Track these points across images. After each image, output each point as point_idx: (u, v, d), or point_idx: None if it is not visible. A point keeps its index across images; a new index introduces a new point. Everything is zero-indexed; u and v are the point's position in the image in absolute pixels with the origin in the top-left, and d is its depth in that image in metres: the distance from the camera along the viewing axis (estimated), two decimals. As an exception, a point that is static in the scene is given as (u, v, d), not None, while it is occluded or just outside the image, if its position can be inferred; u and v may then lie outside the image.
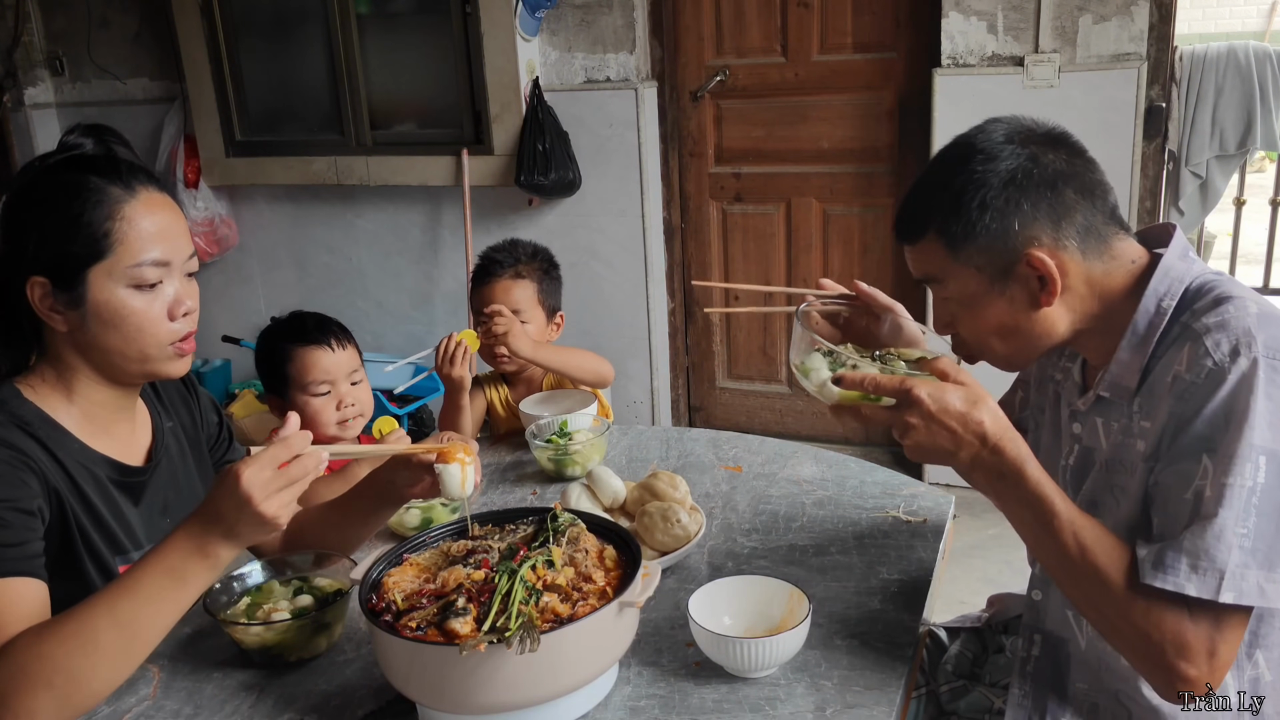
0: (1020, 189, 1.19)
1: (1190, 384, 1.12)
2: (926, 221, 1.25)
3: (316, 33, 4.07)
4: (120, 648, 1.14)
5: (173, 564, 1.15)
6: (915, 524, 1.64)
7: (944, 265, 1.25)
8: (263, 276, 4.58)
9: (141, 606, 1.14)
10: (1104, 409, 1.27)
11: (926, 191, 1.27)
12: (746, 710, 1.20)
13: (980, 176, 1.20)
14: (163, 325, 1.34)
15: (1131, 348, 1.22)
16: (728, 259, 3.95)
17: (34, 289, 1.30)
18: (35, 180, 1.33)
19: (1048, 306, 1.22)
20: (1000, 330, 1.25)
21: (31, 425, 1.31)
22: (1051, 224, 1.20)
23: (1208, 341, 1.12)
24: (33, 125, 4.65)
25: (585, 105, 3.77)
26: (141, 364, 1.35)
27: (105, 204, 1.29)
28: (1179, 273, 1.21)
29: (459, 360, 2.07)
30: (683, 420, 4.16)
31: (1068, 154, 1.23)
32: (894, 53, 3.52)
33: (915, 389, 1.15)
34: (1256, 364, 1.09)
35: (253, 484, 1.12)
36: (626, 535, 1.31)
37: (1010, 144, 1.21)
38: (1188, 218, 3.30)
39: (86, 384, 1.37)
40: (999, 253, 1.21)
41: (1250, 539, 1.07)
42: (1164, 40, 3.10)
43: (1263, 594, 1.07)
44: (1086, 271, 1.22)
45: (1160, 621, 1.10)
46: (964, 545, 3.02)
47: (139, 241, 1.30)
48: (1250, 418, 1.08)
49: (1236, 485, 1.07)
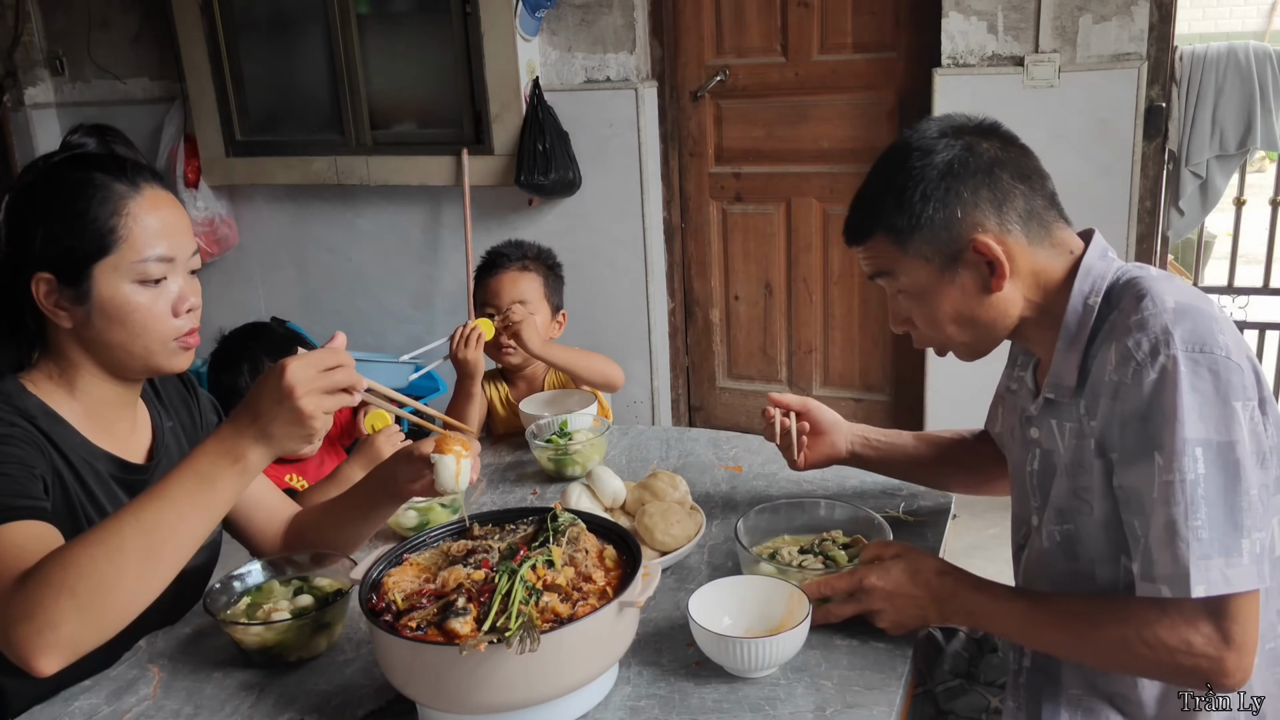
0: (958, 178, 1.24)
1: (1120, 384, 1.17)
2: (873, 221, 1.29)
3: (316, 33, 4.07)
4: (145, 554, 1.11)
5: (201, 468, 1.14)
6: (915, 524, 1.64)
7: (894, 260, 1.29)
8: (263, 276, 4.58)
9: (167, 510, 1.12)
10: (1054, 410, 1.31)
11: (870, 193, 1.31)
12: (746, 710, 1.20)
13: (919, 171, 1.24)
14: (167, 321, 1.34)
15: (1066, 346, 1.26)
16: (728, 259, 3.95)
17: (39, 285, 1.30)
18: (40, 178, 1.33)
19: (998, 291, 1.26)
20: (956, 318, 1.29)
21: (36, 418, 1.31)
22: (994, 209, 1.24)
23: (1129, 342, 1.16)
24: (33, 125, 4.65)
25: (585, 105, 3.77)
26: (146, 359, 1.35)
27: (110, 200, 1.30)
28: (1100, 271, 1.26)
29: (473, 343, 2.08)
30: (683, 420, 4.16)
31: (1000, 143, 1.27)
32: (894, 53, 3.52)
33: (866, 580, 1.28)
34: (1176, 360, 1.12)
35: (297, 377, 1.12)
36: (626, 535, 1.31)
37: (944, 137, 1.26)
38: (1188, 218, 3.29)
39: (90, 380, 1.37)
40: (945, 241, 1.25)
41: (1205, 530, 1.11)
42: (1164, 40, 3.10)
43: (1227, 581, 1.11)
44: (1032, 257, 1.27)
45: (1170, 638, 1.13)
46: (964, 545, 3.02)
47: (144, 237, 1.31)
48: (1179, 413, 1.11)
49: (1177, 481, 1.11)
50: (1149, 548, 1.14)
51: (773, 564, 1.43)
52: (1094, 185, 3.19)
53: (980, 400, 1.70)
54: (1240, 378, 1.13)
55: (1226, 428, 1.12)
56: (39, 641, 1.07)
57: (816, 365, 3.93)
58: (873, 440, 1.65)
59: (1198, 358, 1.12)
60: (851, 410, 3.89)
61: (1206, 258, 4.61)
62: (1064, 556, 1.32)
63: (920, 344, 1.37)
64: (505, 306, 2.20)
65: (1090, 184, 3.19)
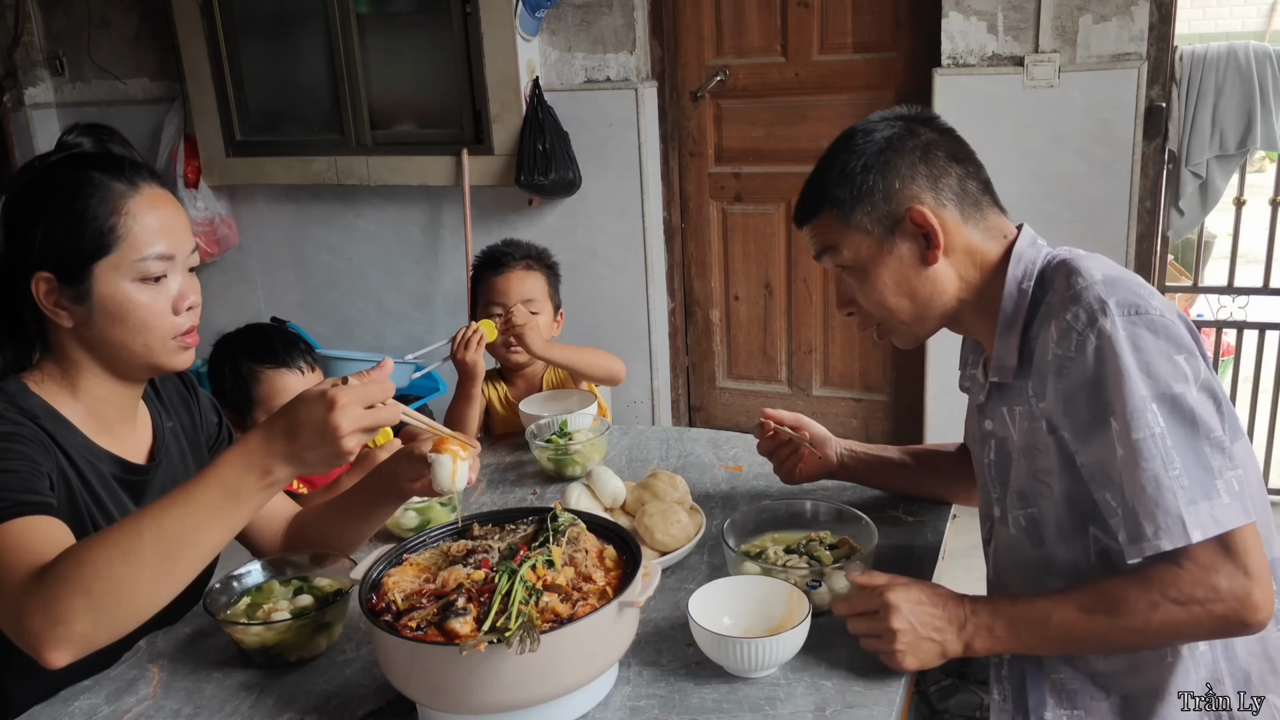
0: (897, 152, 1.32)
1: (1065, 358, 1.21)
2: (819, 198, 1.36)
3: (316, 33, 4.07)
4: (162, 560, 1.10)
5: (228, 480, 1.13)
6: (915, 524, 1.64)
7: (838, 233, 1.35)
8: (263, 276, 4.58)
9: (189, 519, 1.12)
10: (1003, 396, 1.35)
11: (817, 175, 1.39)
12: (746, 710, 1.20)
13: (861, 146, 1.34)
14: (167, 319, 1.34)
15: (1005, 330, 1.32)
16: (728, 259, 3.95)
17: (39, 285, 1.30)
18: (38, 177, 1.33)
19: (934, 264, 1.32)
20: (895, 290, 1.34)
21: (39, 418, 1.31)
22: (929, 183, 1.31)
23: (1068, 316, 1.21)
24: (33, 125, 4.65)
25: (585, 105, 3.77)
26: (146, 357, 1.35)
27: (110, 199, 1.30)
28: (1030, 256, 1.32)
29: (474, 346, 2.07)
30: (683, 420, 4.16)
31: (937, 130, 1.35)
32: (894, 53, 3.51)
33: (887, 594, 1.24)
34: (1115, 323, 1.17)
35: (345, 415, 1.11)
36: (626, 535, 1.31)
37: (885, 121, 1.35)
38: (1188, 218, 3.29)
39: (91, 380, 1.37)
40: (885, 213, 1.32)
41: (1184, 478, 1.14)
42: (1164, 40, 3.10)
43: (1216, 521, 1.13)
44: (966, 236, 1.33)
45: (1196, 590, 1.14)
46: (964, 545, 3.01)
47: (143, 236, 1.31)
48: (1126, 374, 1.16)
49: (1145, 437, 1.15)
50: (1132, 509, 1.16)
51: (758, 563, 1.43)
52: (1094, 185, 3.18)
53: (980, 400, 1.70)
54: (1176, 332, 1.19)
55: (1173, 380, 1.16)
56: (51, 636, 1.07)
57: (816, 365, 3.93)
58: (859, 453, 1.71)
59: (1135, 319, 1.18)
60: (851, 410, 3.89)
61: (1206, 258, 4.60)
62: (1030, 542, 1.34)
63: (864, 325, 1.42)
64: (513, 304, 2.19)
65: (1090, 184, 3.19)
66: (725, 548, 1.46)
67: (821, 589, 1.40)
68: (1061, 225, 3.19)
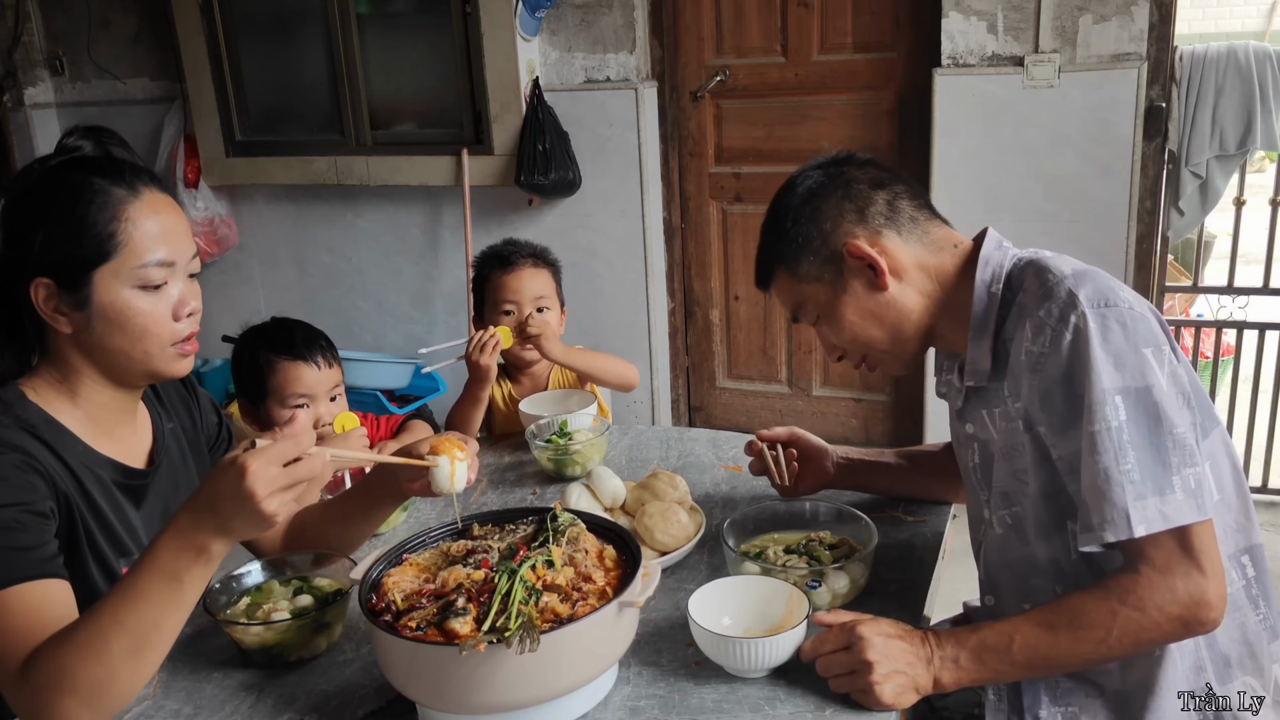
0: (819, 196, 1.39)
1: (1039, 354, 1.23)
2: (769, 262, 1.43)
3: (316, 33, 4.07)
4: (131, 654, 1.13)
5: (165, 564, 1.13)
6: (915, 524, 1.64)
7: (796, 292, 1.42)
8: (263, 276, 4.58)
9: (144, 611, 1.13)
10: (980, 399, 1.37)
11: (762, 240, 1.46)
12: (746, 710, 1.20)
13: (788, 203, 1.41)
14: (167, 326, 1.33)
15: (977, 334, 1.34)
16: (728, 259, 3.95)
17: (38, 291, 1.29)
18: (37, 182, 1.32)
19: (887, 289, 1.36)
20: (861, 323, 1.38)
21: (36, 428, 1.30)
22: (857, 216, 1.37)
23: (1041, 313, 1.23)
24: (33, 125, 4.65)
25: (585, 105, 3.77)
26: (145, 364, 1.35)
27: (110, 205, 1.29)
28: (997, 260, 1.35)
29: (489, 350, 2.06)
30: (683, 420, 4.16)
31: (857, 164, 1.42)
32: (894, 53, 3.51)
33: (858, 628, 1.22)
34: (1085, 317, 1.19)
35: (258, 479, 1.09)
36: (626, 535, 1.31)
37: (803, 174, 1.43)
38: (1188, 218, 3.29)
39: (90, 386, 1.36)
40: (826, 256, 1.37)
41: (1136, 472, 1.15)
42: (1164, 40, 3.10)
43: (1164, 518, 1.15)
44: (913, 253, 1.37)
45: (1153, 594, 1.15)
46: (964, 545, 3.01)
47: (144, 242, 1.30)
48: (1094, 365, 1.17)
49: (1102, 430, 1.16)
50: (1084, 500, 1.18)
51: (758, 563, 1.43)
52: (1094, 185, 3.18)
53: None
54: (1146, 325, 1.20)
55: (1141, 374, 1.18)
56: None
57: (816, 365, 3.93)
58: (855, 459, 1.72)
59: (1105, 312, 1.20)
60: (851, 410, 3.89)
61: (1206, 258, 4.60)
62: (1016, 540, 1.35)
63: (855, 364, 1.46)
64: (526, 304, 2.18)
65: (1090, 184, 3.19)
66: (725, 548, 1.46)
67: (821, 589, 1.40)
68: (1061, 225, 3.19)
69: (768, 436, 1.71)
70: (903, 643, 1.22)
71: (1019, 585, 1.37)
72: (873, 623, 1.24)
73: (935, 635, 1.24)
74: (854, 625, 1.23)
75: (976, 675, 1.22)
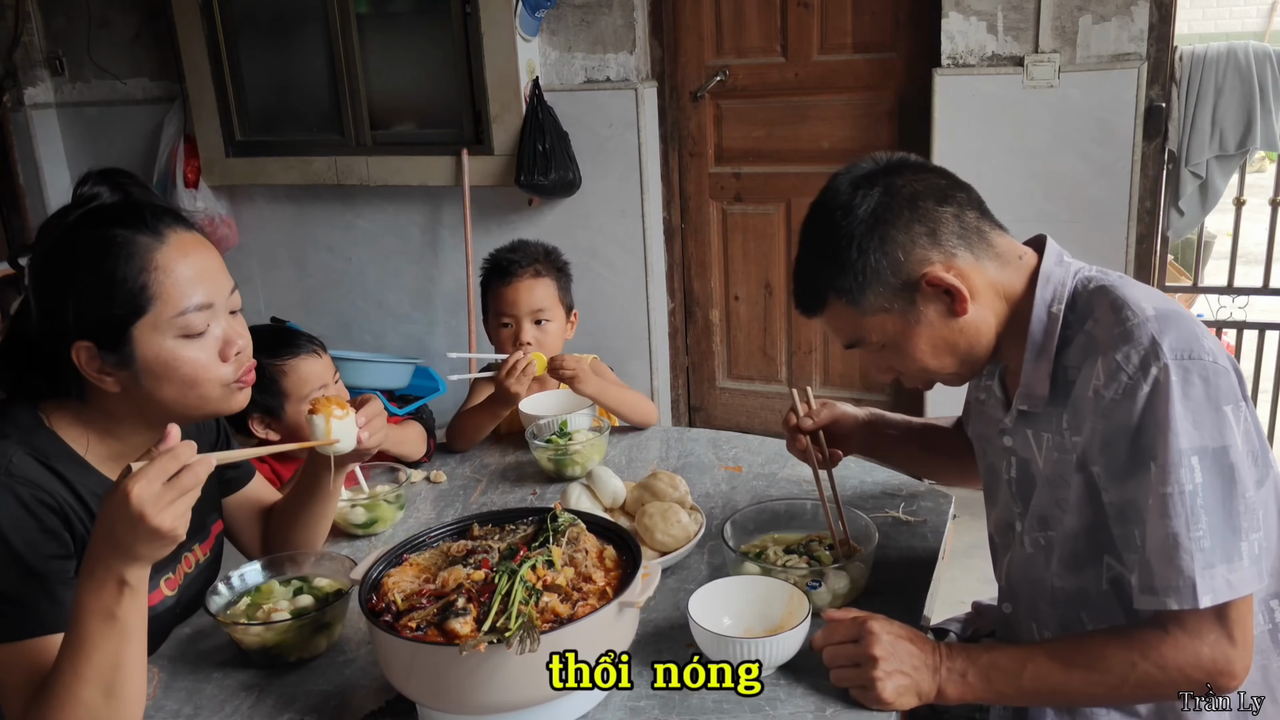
0: (886, 222, 1.23)
1: (1111, 400, 1.16)
2: (821, 290, 1.28)
3: (316, 33, 4.07)
4: (106, 696, 1.12)
5: (94, 607, 1.11)
6: (915, 524, 1.64)
7: (858, 325, 1.28)
8: (263, 276, 4.58)
9: (98, 658, 1.11)
10: (1029, 421, 1.30)
11: (808, 264, 1.31)
12: (746, 710, 1.20)
13: (846, 229, 1.24)
14: (215, 370, 1.30)
15: (1034, 356, 1.26)
16: (728, 259, 3.95)
17: (80, 354, 1.25)
18: (60, 242, 1.27)
19: (965, 315, 1.25)
20: (934, 351, 1.28)
21: (50, 458, 1.28)
22: (930, 240, 1.23)
23: (1118, 356, 1.15)
24: (33, 125, 4.65)
25: (585, 105, 3.77)
26: (202, 408, 1.32)
27: (137, 256, 1.24)
28: (1059, 277, 1.26)
29: (521, 376, 2.00)
30: (683, 420, 4.16)
31: (913, 173, 1.27)
32: (894, 53, 3.51)
33: (868, 624, 1.21)
34: (1167, 370, 1.12)
35: (144, 500, 1.05)
36: (626, 535, 1.31)
37: (859, 189, 1.25)
38: (1188, 218, 3.29)
39: (128, 429, 1.33)
40: (899, 287, 1.24)
41: (1207, 539, 1.11)
42: (1164, 40, 3.10)
43: (1231, 587, 1.11)
44: (985, 273, 1.26)
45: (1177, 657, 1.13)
46: (964, 545, 3.00)
47: (177, 289, 1.25)
48: (1172, 424, 1.11)
49: (1175, 493, 1.11)
50: (1148, 560, 1.14)
51: (758, 563, 1.43)
52: (1094, 185, 3.18)
53: (980, 400, 1.70)
54: (1228, 380, 1.14)
55: (1220, 433, 1.12)
56: None
57: (816, 365, 3.93)
58: (881, 431, 1.65)
59: (1188, 364, 1.13)
60: (851, 410, 3.89)
61: (1206, 258, 4.60)
62: (1045, 562, 1.33)
63: (910, 385, 1.37)
64: (523, 317, 2.15)
65: (1090, 184, 3.18)
66: (725, 548, 1.46)
67: (821, 589, 1.40)
68: (1061, 225, 3.19)
69: (810, 427, 1.57)
70: (912, 645, 1.22)
71: (1042, 602, 1.34)
72: (886, 621, 1.23)
73: (948, 647, 1.23)
74: (866, 620, 1.23)
75: (982, 694, 1.21)
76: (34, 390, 1.33)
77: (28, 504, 1.23)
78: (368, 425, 1.43)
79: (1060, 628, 1.32)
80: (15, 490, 1.22)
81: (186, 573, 1.47)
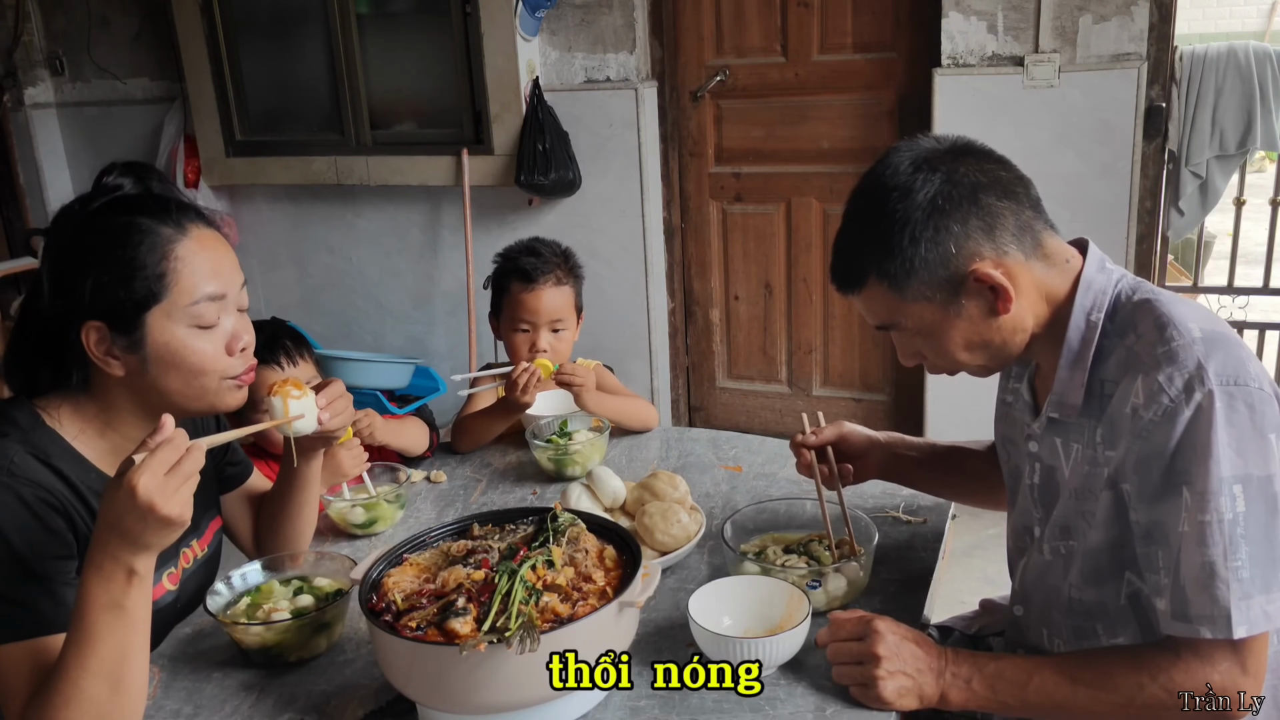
0: (944, 213, 1.18)
1: (1150, 421, 1.13)
2: (864, 269, 1.24)
3: (316, 33, 4.07)
4: (112, 690, 1.12)
5: (102, 599, 1.11)
6: (915, 524, 1.64)
7: (896, 308, 1.25)
8: (263, 276, 4.58)
9: (104, 650, 1.12)
10: (1059, 429, 1.28)
11: (854, 239, 1.26)
12: (746, 710, 1.20)
13: (902, 212, 1.19)
14: (222, 361, 1.33)
15: (1070, 364, 1.23)
16: (728, 259, 3.95)
17: (89, 334, 1.27)
18: (81, 226, 1.30)
19: (1006, 314, 1.22)
20: (968, 346, 1.25)
21: (51, 457, 1.29)
22: (985, 235, 1.19)
23: (1160, 378, 1.12)
24: (33, 125, 4.65)
25: (585, 105, 3.77)
26: (201, 400, 1.34)
27: (159, 245, 1.28)
28: (1100, 285, 1.23)
29: (530, 387, 1.98)
30: (683, 420, 4.16)
31: (977, 161, 1.22)
32: (894, 53, 3.51)
33: (874, 623, 1.21)
34: (1212, 396, 1.09)
35: (151, 492, 1.07)
36: (626, 535, 1.31)
37: (920, 172, 1.20)
38: (1188, 218, 3.29)
39: (128, 422, 1.35)
40: (945, 279, 1.20)
41: (1246, 569, 1.09)
42: (1164, 40, 3.10)
43: (1268, 618, 1.09)
44: (1032, 273, 1.23)
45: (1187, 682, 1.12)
46: (964, 545, 3.02)
47: (194, 280, 1.29)
48: (1214, 451, 1.09)
49: (1214, 522, 1.09)
50: (1182, 587, 1.12)
51: (757, 563, 1.43)
52: (1094, 185, 3.18)
53: (979, 400, 1.70)
54: (1272, 408, 1.12)
55: (1264, 461, 1.10)
56: None
57: (816, 365, 3.93)
58: (901, 454, 1.60)
59: (1233, 391, 1.10)
60: (851, 410, 3.89)
61: (1206, 258, 4.60)
62: (1063, 571, 1.31)
63: (934, 372, 1.34)
64: (542, 325, 2.13)
65: (1090, 184, 3.18)
66: (725, 548, 1.46)
67: (821, 589, 1.40)
68: (1061, 225, 3.13)
69: (815, 444, 1.55)
70: (917, 648, 1.21)
71: (1057, 610, 1.33)
72: (892, 622, 1.23)
73: (954, 652, 1.23)
74: (872, 619, 1.22)
75: (986, 702, 1.20)
76: (34, 385, 1.34)
77: (30, 504, 1.23)
78: (329, 406, 1.44)
79: (1073, 636, 1.31)
80: (18, 490, 1.23)
81: (185, 568, 1.47)
